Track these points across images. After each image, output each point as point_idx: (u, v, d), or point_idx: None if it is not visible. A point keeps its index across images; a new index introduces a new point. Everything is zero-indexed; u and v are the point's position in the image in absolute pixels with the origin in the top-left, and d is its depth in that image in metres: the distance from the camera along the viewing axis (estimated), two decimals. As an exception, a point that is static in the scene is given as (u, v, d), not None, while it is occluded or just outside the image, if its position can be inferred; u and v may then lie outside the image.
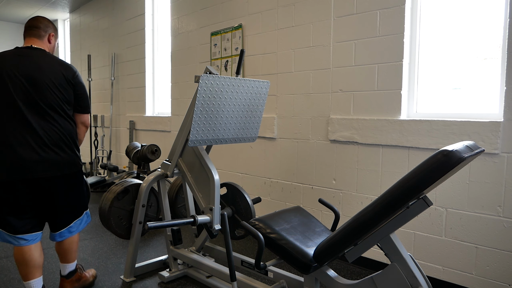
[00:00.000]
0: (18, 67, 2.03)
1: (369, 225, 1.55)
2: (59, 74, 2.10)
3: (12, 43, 7.55)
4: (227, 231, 2.10)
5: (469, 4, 2.45)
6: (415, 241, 2.56)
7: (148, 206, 2.71)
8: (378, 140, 2.67)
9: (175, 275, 2.61)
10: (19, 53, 2.09)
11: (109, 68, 5.77)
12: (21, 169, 2.00)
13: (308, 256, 1.80)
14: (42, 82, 2.04)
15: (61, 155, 2.11)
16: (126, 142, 5.47)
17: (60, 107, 2.11)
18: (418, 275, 1.57)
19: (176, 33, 4.45)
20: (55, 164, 2.09)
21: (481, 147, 1.56)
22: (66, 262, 2.34)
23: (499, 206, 2.21)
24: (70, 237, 2.29)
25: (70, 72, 2.15)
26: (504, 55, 2.20)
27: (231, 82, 2.27)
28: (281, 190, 3.38)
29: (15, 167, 1.99)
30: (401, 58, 2.56)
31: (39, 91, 2.03)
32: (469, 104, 2.47)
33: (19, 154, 1.99)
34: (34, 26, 2.18)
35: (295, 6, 3.17)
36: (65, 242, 2.29)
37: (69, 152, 2.16)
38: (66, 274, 2.36)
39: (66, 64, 2.18)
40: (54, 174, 2.09)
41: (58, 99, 2.09)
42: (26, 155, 2.00)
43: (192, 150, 2.40)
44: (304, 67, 3.12)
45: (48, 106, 2.06)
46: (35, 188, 2.07)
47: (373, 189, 2.74)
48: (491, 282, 2.26)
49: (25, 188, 2.04)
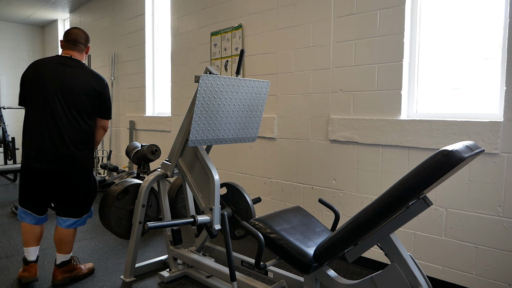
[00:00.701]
0: (56, 74, 2.37)
1: (369, 225, 1.55)
2: (90, 84, 2.43)
3: (12, 43, 7.56)
4: (227, 231, 2.10)
5: (469, 4, 2.45)
6: (415, 241, 2.56)
7: (148, 206, 2.71)
8: (378, 140, 2.67)
9: (175, 275, 2.61)
10: (60, 61, 2.43)
11: (109, 68, 5.77)
12: (43, 161, 2.34)
13: (308, 256, 1.80)
14: (74, 89, 2.37)
15: (77, 153, 2.40)
16: (126, 142, 5.47)
17: (84, 111, 2.42)
18: (418, 275, 1.57)
19: (176, 33, 4.45)
20: (71, 160, 2.38)
21: (481, 147, 1.56)
22: (61, 252, 2.53)
23: (499, 206, 2.21)
24: (70, 229, 2.52)
25: (100, 84, 2.48)
26: (504, 55, 2.20)
27: (231, 82, 2.27)
28: (281, 190, 3.38)
29: (39, 158, 2.33)
30: (401, 58, 2.56)
31: (70, 96, 2.36)
32: (469, 104, 2.47)
33: (43, 148, 2.33)
34: (77, 41, 2.49)
35: (295, 6, 3.17)
36: (64, 233, 2.51)
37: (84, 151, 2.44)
38: (59, 263, 2.54)
39: (97, 75, 2.50)
40: (69, 169, 2.39)
41: (84, 105, 2.41)
42: (48, 149, 2.33)
43: (192, 150, 2.40)
44: (304, 67, 3.12)
45: (75, 110, 2.38)
46: (53, 178, 2.38)
47: (373, 189, 2.74)
48: (491, 282, 2.26)
49: (45, 176, 2.36)
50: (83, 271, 2.65)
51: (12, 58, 7.59)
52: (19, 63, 7.68)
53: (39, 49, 7.94)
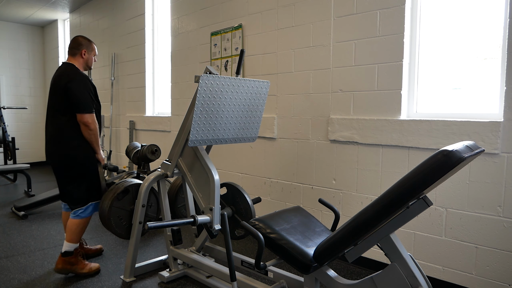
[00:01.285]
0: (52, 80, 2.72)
1: (369, 225, 1.55)
2: (61, 82, 2.62)
3: (12, 43, 7.55)
4: (227, 231, 2.10)
5: (469, 4, 2.45)
6: (415, 241, 2.56)
7: (148, 206, 2.71)
8: (378, 140, 2.67)
9: (175, 275, 2.61)
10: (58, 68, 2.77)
11: (109, 68, 5.77)
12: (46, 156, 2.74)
13: (308, 256, 1.80)
14: (53, 89, 2.67)
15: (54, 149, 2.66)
16: (126, 142, 5.47)
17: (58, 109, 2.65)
18: (418, 275, 1.57)
19: (176, 33, 4.45)
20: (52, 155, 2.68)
21: (481, 147, 1.56)
22: (66, 239, 2.67)
23: (499, 206, 2.21)
24: (74, 219, 2.67)
25: (67, 80, 2.62)
26: (504, 55, 2.20)
27: (231, 82, 2.27)
28: (281, 190, 3.38)
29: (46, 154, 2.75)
30: (401, 58, 2.56)
31: (51, 97, 2.70)
32: (469, 104, 2.47)
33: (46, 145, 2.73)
34: (70, 47, 2.80)
35: (295, 6, 3.17)
36: (69, 221, 2.68)
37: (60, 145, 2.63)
38: (63, 251, 2.65)
39: (68, 73, 2.67)
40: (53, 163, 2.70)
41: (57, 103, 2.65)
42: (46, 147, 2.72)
43: (192, 150, 2.40)
44: (304, 67, 3.12)
45: (53, 109, 2.68)
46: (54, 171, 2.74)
47: (373, 189, 2.74)
48: (491, 282, 2.26)
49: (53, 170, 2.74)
50: (84, 271, 2.67)
51: (12, 58, 7.59)
52: (19, 63, 7.68)
53: (39, 49, 7.94)
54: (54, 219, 4.07)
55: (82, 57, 2.79)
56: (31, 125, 7.90)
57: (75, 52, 2.79)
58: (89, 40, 2.86)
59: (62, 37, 7.47)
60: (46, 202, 4.30)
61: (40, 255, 3.05)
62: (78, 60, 2.78)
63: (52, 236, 3.50)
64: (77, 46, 2.78)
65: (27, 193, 5.25)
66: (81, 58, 2.79)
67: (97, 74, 6.10)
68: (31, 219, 4.04)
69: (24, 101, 7.76)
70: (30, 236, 3.50)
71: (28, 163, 6.36)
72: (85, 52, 2.80)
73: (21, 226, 3.79)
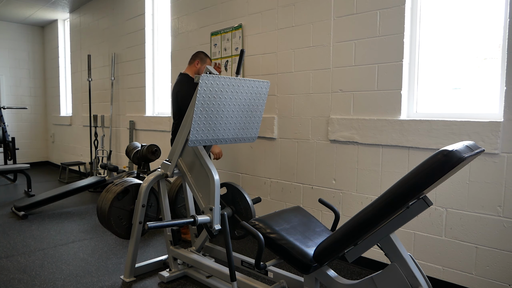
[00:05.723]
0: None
1: (369, 225, 1.55)
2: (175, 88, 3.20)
3: (12, 43, 7.55)
4: (227, 231, 2.10)
5: (469, 4, 2.45)
6: (415, 241, 2.56)
7: (148, 206, 2.71)
8: (378, 140, 2.67)
9: (175, 275, 2.61)
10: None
11: (109, 68, 5.77)
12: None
13: (308, 256, 1.80)
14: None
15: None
16: (126, 142, 5.47)
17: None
18: (418, 275, 1.57)
19: (176, 33, 4.45)
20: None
21: (481, 147, 1.56)
22: None
23: (499, 206, 2.21)
24: None
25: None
26: (504, 55, 2.20)
27: (231, 82, 2.27)
28: (281, 190, 3.38)
29: None
30: (401, 58, 2.56)
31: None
32: (469, 104, 2.47)
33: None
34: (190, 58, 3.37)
35: (295, 6, 3.17)
36: None
37: None
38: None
39: (178, 79, 3.29)
40: None
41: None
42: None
43: (192, 150, 2.40)
44: (304, 67, 3.12)
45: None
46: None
47: (373, 189, 2.74)
48: (491, 282, 2.26)
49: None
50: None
51: (12, 58, 7.59)
52: (19, 63, 7.69)
53: (39, 49, 7.94)
54: (54, 219, 4.07)
55: (196, 67, 3.33)
56: (31, 125, 7.90)
57: (190, 61, 3.35)
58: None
59: (62, 37, 7.47)
60: (46, 202, 4.30)
61: (40, 255, 3.05)
62: (191, 69, 3.34)
63: (52, 236, 3.50)
64: (193, 58, 3.35)
65: (27, 193, 5.25)
66: (195, 68, 3.33)
67: (97, 74, 6.10)
68: (31, 219, 4.04)
69: (24, 101, 7.77)
70: (30, 236, 3.51)
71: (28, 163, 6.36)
72: (198, 63, 3.33)
73: (21, 226, 3.79)
